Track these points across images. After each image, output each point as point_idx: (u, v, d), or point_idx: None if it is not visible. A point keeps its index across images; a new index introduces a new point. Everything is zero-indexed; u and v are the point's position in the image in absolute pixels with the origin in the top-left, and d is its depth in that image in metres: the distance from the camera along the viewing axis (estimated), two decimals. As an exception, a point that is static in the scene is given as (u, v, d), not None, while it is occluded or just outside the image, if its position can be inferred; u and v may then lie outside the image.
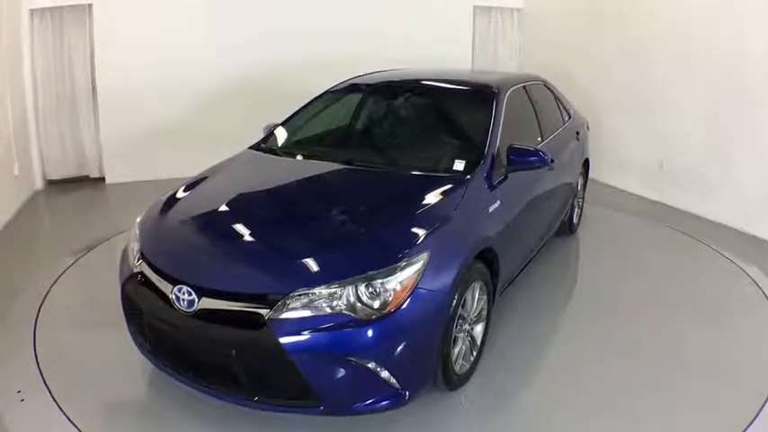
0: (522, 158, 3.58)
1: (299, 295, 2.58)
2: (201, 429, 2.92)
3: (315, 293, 2.58)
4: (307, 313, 2.55)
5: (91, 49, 6.89)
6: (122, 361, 3.37)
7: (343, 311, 2.55)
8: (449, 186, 3.29)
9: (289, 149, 4.12)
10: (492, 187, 3.45)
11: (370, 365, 2.59)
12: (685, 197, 6.52)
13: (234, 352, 2.63)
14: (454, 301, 2.88)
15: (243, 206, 3.33)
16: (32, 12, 6.49)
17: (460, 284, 2.91)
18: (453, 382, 3.10)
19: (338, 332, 2.54)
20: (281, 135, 4.28)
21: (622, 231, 6.12)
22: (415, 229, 2.89)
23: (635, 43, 6.99)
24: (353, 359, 2.57)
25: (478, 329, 3.32)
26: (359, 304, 2.57)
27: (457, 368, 3.11)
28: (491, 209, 3.35)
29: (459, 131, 4.17)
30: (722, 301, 4.48)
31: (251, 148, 4.20)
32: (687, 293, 4.55)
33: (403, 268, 2.65)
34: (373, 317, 2.56)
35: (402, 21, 8.06)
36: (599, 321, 4.05)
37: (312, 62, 7.26)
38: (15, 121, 6.13)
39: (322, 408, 2.63)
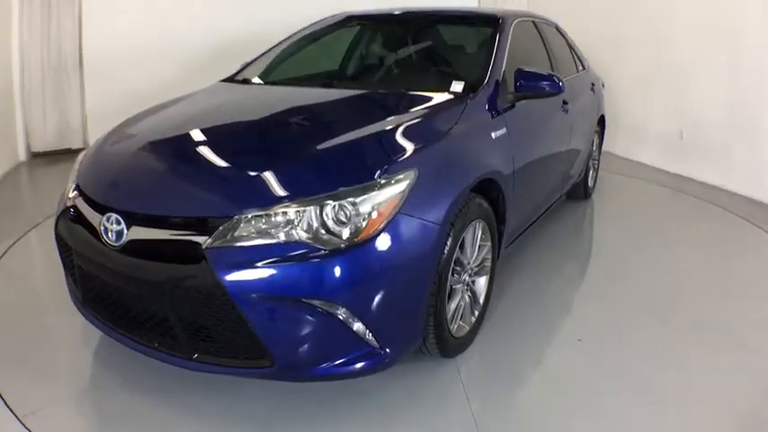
0: (532, 83, 2.97)
1: (247, 218, 1.97)
2: (143, 399, 2.34)
3: (266, 216, 1.97)
4: (256, 242, 1.95)
5: (80, 17, 6.45)
6: (64, 323, 2.82)
7: (304, 240, 1.95)
8: (445, 103, 2.71)
9: (266, 78, 3.55)
10: (497, 113, 2.84)
11: (339, 314, 1.98)
12: (707, 169, 5.89)
13: (166, 295, 2.04)
14: (449, 240, 2.27)
15: (196, 128, 2.69)
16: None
17: (457, 219, 2.31)
18: (449, 346, 2.48)
19: (296, 267, 1.92)
20: (260, 65, 3.70)
21: (640, 198, 5.53)
22: (400, 142, 2.29)
23: (654, 8, 6.37)
24: (317, 304, 1.95)
25: (481, 283, 2.72)
26: (323, 231, 1.96)
27: (454, 329, 2.50)
28: (495, 135, 2.74)
29: (462, 58, 3.57)
30: (750, 269, 3.84)
31: (223, 80, 3.63)
32: (712, 259, 3.95)
33: (381, 187, 2.04)
34: (342, 247, 1.95)
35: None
36: (615, 286, 3.45)
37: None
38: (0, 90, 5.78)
39: (275, 369, 2.02)
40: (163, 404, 2.29)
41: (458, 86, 2.87)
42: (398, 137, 2.34)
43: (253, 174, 2.14)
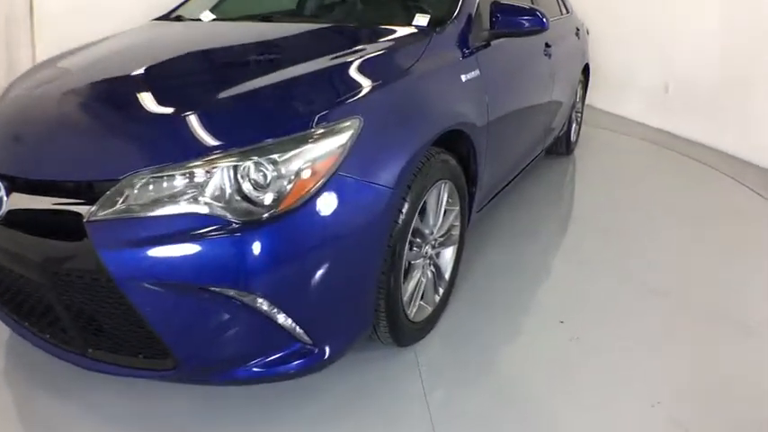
0: (511, 18, 2.50)
1: (139, 182, 1.50)
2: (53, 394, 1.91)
3: (168, 178, 1.51)
4: (151, 213, 1.49)
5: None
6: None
7: (213, 210, 1.49)
8: (405, 37, 2.23)
9: (206, 16, 3.02)
10: (468, 51, 2.37)
11: (258, 306, 1.54)
12: (693, 125, 5.51)
13: (48, 278, 1.62)
14: (405, 207, 1.83)
15: (101, 75, 2.17)
16: None
17: (416, 181, 1.87)
18: (405, 334, 2.07)
19: (201, 245, 1.47)
20: (202, 1, 3.16)
21: (625, 154, 5.18)
22: (343, 83, 1.82)
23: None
24: (232, 294, 1.51)
25: (447, 256, 2.30)
26: (238, 198, 1.50)
27: (411, 313, 2.08)
28: (465, 77, 2.27)
29: None
30: (740, 232, 3.49)
31: (155, 19, 3.11)
32: (700, 222, 3.62)
33: (316, 139, 1.58)
34: (263, 217, 1.50)
35: None
36: (600, 253, 3.08)
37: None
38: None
39: (181, 371, 1.59)
40: (61, 400, 1.89)
41: (422, 20, 2.37)
42: (342, 77, 1.86)
43: (151, 125, 1.67)
